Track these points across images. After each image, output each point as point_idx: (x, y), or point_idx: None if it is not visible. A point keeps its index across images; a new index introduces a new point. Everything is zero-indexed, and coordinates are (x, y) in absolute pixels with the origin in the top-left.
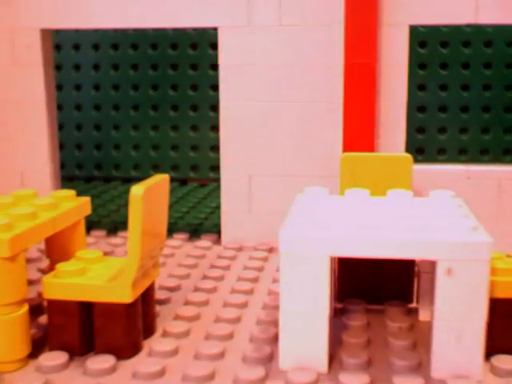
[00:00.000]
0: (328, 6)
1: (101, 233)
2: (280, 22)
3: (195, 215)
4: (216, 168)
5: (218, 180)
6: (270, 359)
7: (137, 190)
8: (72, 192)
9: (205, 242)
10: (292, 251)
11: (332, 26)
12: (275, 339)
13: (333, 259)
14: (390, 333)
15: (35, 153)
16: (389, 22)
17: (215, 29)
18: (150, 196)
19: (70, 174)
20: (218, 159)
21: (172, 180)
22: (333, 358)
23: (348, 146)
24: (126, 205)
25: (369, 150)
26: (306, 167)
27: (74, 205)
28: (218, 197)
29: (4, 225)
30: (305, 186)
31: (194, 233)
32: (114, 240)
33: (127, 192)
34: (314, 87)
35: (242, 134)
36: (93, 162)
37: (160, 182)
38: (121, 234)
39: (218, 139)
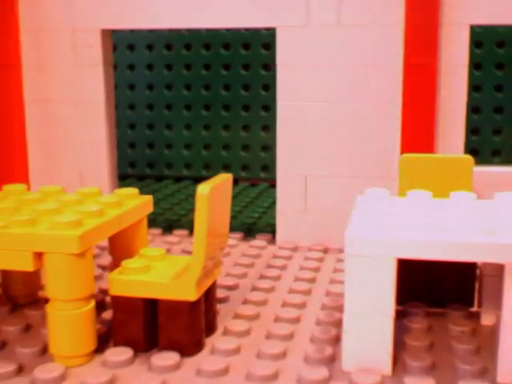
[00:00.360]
0: (388, 6)
1: (156, 231)
2: (339, 22)
3: (248, 214)
4: (267, 168)
5: (268, 180)
6: (332, 360)
7: (203, 189)
8: (135, 190)
9: (260, 241)
10: (358, 253)
11: (392, 25)
12: (336, 340)
13: None
14: (452, 336)
15: (94, 152)
16: (449, 21)
17: (269, 29)
18: (215, 195)
19: (123, 173)
20: (269, 159)
21: None
22: (396, 360)
23: (406, 147)
24: (179, 203)
25: (428, 151)
26: (363, 168)
27: (138, 203)
28: (270, 196)
29: (74, 221)
30: (361, 188)
31: (248, 232)
32: (170, 238)
33: (179, 191)
34: (372, 87)
35: (298, 134)
36: (145, 161)
37: (224, 181)
38: (176, 232)
39: (269, 139)
